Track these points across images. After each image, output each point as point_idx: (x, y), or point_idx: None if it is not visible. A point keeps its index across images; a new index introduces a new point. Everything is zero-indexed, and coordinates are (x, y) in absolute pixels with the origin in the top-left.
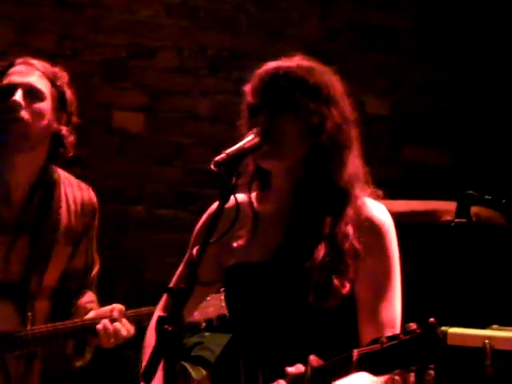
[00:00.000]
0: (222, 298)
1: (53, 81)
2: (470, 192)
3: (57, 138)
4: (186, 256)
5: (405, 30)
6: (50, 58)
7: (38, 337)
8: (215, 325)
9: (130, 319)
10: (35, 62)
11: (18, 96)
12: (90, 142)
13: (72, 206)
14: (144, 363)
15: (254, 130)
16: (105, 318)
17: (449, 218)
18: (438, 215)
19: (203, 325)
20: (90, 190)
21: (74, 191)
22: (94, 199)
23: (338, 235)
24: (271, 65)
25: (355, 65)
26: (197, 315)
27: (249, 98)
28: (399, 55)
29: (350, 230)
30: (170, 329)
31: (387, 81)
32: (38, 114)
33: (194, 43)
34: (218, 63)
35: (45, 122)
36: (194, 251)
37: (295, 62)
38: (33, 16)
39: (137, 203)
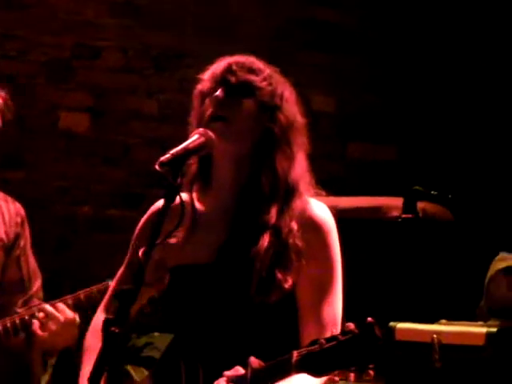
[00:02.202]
0: None
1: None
2: (417, 187)
3: None
4: (127, 257)
5: (349, 27)
6: None
7: None
8: (147, 312)
9: (79, 302)
10: None
11: None
12: (36, 144)
13: (1, 218)
14: (86, 365)
15: (200, 130)
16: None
17: (395, 213)
18: (384, 211)
19: (148, 309)
20: (16, 202)
21: (1, 204)
22: (22, 210)
23: (282, 228)
24: (227, 58)
25: (300, 62)
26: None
27: (203, 87)
28: (343, 52)
29: (294, 225)
30: (116, 331)
31: (332, 78)
32: None
33: (138, 43)
34: (162, 62)
35: None
36: (140, 253)
37: (250, 58)
38: None
39: (84, 204)
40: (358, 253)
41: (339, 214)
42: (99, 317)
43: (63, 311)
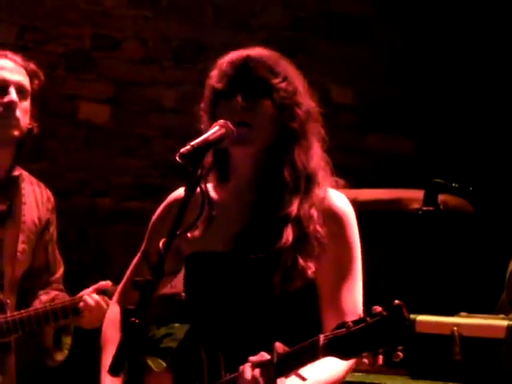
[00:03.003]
0: None
1: (32, 79)
2: (438, 180)
3: (28, 132)
4: (143, 247)
5: (368, 18)
6: (12, 49)
7: (19, 321)
8: (180, 299)
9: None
10: (16, 57)
11: (14, 95)
12: (57, 135)
13: (34, 202)
14: (106, 356)
15: (220, 121)
16: (87, 294)
17: (416, 206)
18: (405, 203)
19: (183, 295)
20: (48, 189)
21: (35, 188)
22: (52, 198)
23: (303, 217)
24: (240, 52)
25: (319, 54)
26: (170, 288)
27: (217, 84)
28: (363, 44)
29: (314, 213)
30: (137, 321)
31: (352, 69)
32: (25, 112)
33: (158, 34)
34: (182, 54)
35: (28, 120)
36: (161, 244)
37: (262, 50)
38: None
39: (103, 195)
40: (378, 245)
41: (359, 207)
42: (114, 309)
43: (96, 300)
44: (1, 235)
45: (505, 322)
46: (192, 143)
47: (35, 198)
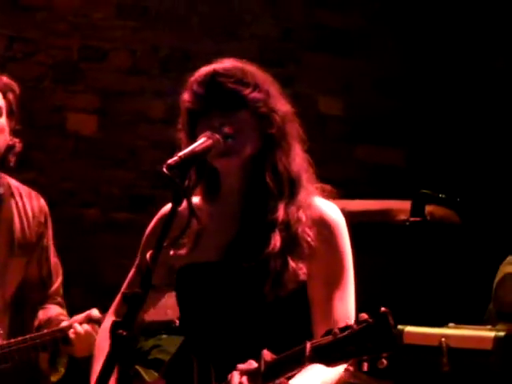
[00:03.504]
0: None
1: (5, 93)
2: (425, 191)
3: (9, 149)
4: (137, 260)
5: (357, 29)
6: (1, 60)
7: (8, 352)
8: (175, 326)
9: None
10: None
11: None
12: (44, 146)
13: (24, 218)
14: (96, 367)
15: (207, 133)
16: (76, 322)
17: (403, 217)
18: (392, 214)
19: (177, 323)
20: (41, 198)
21: (24, 202)
22: (45, 207)
23: (290, 219)
24: (207, 69)
25: (308, 65)
26: (169, 313)
27: (192, 105)
28: (351, 55)
29: (302, 215)
30: (124, 333)
31: (340, 80)
32: (1, 130)
33: (146, 44)
34: (170, 64)
35: (5, 137)
36: (148, 256)
37: (228, 63)
38: None
39: (91, 206)
40: (366, 256)
41: (348, 218)
42: (108, 321)
43: (86, 329)
44: None
45: (492, 334)
46: (179, 154)
47: (25, 214)
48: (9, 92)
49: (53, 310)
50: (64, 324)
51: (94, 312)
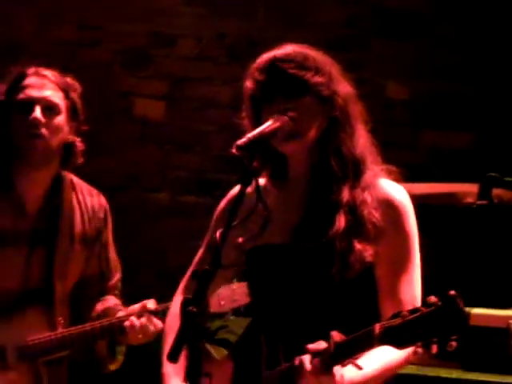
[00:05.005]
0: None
1: (66, 92)
2: (492, 174)
3: (69, 147)
4: (206, 240)
5: (424, 14)
6: (71, 47)
7: (68, 339)
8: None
9: (160, 313)
10: (47, 72)
11: (38, 112)
12: (112, 131)
13: (85, 213)
14: (167, 345)
15: (274, 116)
16: (131, 315)
17: (470, 200)
18: (459, 197)
19: (229, 316)
20: (101, 195)
21: (85, 198)
22: (105, 204)
23: (356, 201)
24: (267, 55)
25: (374, 50)
26: (224, 305)
27: (254, 91)
28: (418, 40)
29: (367, 197)
30: (194, 310)
31: (407, 65)
32: (56, 129)
33: (212, 31)
34: (236, 51)
35: (62, 136)
36: (217, 234)
37: (288, 48)
38: (53, 6)
39: (159, 190)
40: (432, 239)
41: (413, 200)
42: (177, 300)
43: (141, 322)
44: (51, 250)
45: None
46: (248, 135)
47: (86, 209)
48: (71, 92)
49: (110, 301)
50: (120, 314)
51: (150, 303)
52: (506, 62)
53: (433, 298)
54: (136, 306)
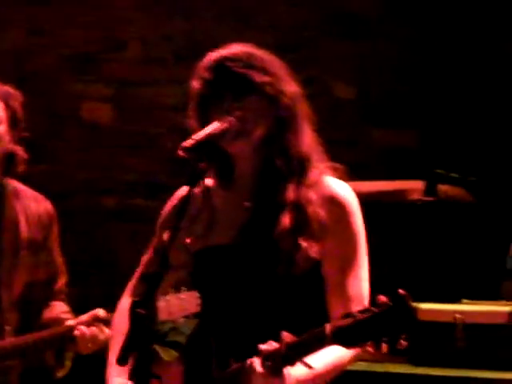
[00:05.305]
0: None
1: (6, 102)
2: (438, 171)
3: (10, 156)
4: (153, 241)
5: (369, 16)
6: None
7: (17, 349)
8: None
9: (106, 322)
10: None
11: None
12: (61, 136)
13: (30, 218)
14: (114, 347)
15: (221, 117)
16: (81, 324)
17: (417, 196)
18: (406, 194)
19: (181, 321)
20: (47, 201)
21: (30, 204)
22: (51, 210)
23: (301, 200)
24: (215, 55)
25: (322, 51)
26: (173, 313)
27: (201, 90)
28: (364, 42)
29: (312, 195)
30: (143, 312)
31: (354, 66)
32: None
33: (159, 33)
34: (183, 52)
35: (2, 146)
36: (165, 236)
37: (235, 48)
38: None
39: (108, 194)
40: (380, 235)
41: (361, 199)
42: (124, 301)
43: (91, 330)
44: None
45: (507, 308)
46: (194, 137)
47: (31, 215)
48: (12, 101)
49: (58, 308)
50: (70, 323)
51: (100, 312)
52: (448, 62)
53: (383, 298)
54: (85, 316)
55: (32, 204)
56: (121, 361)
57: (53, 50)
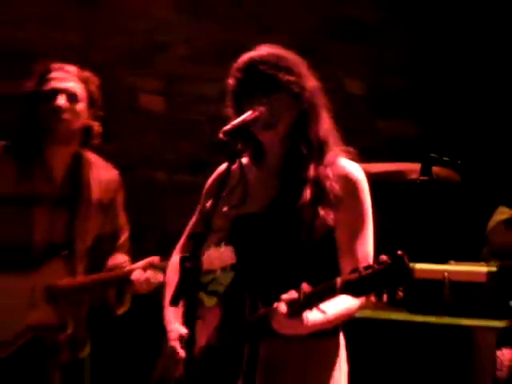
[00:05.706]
0: (223, 250)
1: (86, 84)
2: (432, 155)
3: (88, 130)
4: (198, 208)
5: (373, 21)
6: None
7: (86, 285)
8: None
9: (159, 269)
10: (70, 68)
11: (61, 100)
12: (124, 121)
13: (100, 184)
14: (168, 294)
15: (253, 107)
16: (138, 268)
17: (414, 176)
18: (405, 174)
19: (220, 273)
20: (115, 170)
21: (101, 172)
22: (117, 178)
23: (320, 176)
24: (246, 57)
25: (334, 53)
26: (214, 264)
27: (235, 87)
28: (371, 44)
29: (329, 172)
30: (190, 266)
31: (363, 65)
32: (77, 115)
33: (201, 36)
34: (220, 54)
35: (81, 121)
36: (208, 204)
37: (264, 50)
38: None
39: (160, 170)
40: (384, 208)
41: (370, 177)
42: (174, 257)
43: (145, 276)
44: (73, 215)
45: (485, 268)
46: (232, 123)
47: (101, 180)
48: (90, 83)
49: (120, 258)
50: (128, 268)
51: (155, 259)
52: (444, 60)
53: (384, 257)
54: (142, 262)
55: (102, 172)
56: (173, 303)
57: (113, 50)
